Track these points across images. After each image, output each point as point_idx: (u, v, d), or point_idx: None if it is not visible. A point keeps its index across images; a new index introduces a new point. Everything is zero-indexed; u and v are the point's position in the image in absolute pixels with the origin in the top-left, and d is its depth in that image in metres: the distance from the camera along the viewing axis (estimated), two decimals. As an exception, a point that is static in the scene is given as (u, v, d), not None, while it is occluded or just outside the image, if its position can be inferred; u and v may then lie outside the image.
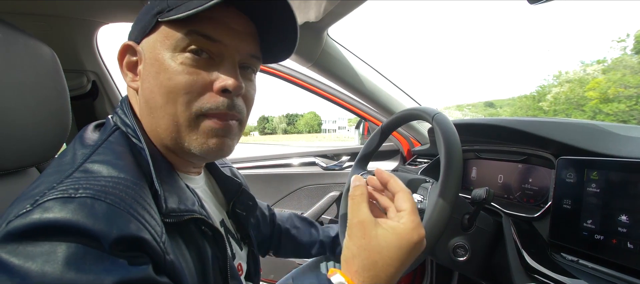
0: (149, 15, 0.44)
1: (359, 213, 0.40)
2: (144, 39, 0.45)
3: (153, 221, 0.37)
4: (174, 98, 0.42)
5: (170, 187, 0.42)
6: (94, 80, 1.30)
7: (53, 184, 0.34)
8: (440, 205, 0.56)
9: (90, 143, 0.42)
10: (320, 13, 0.96)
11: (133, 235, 0.33)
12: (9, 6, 0.94)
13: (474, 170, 1.01)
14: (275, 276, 1.55)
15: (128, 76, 0.47)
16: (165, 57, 0.42)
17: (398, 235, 0.38)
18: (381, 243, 0.38)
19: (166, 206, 0.40)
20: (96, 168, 0.37)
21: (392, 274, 0.38)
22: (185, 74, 0.42)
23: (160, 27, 0.43)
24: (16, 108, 0.52)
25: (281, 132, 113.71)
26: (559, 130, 0.72)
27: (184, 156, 0.48)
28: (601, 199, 0.56)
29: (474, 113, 56.03)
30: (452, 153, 0.59)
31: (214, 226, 0.46)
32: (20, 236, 0.31)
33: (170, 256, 0.37)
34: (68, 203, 0.32)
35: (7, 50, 0.51)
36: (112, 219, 0.32)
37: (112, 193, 0.34)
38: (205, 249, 0.44)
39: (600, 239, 0.55)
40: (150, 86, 0.43)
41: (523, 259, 0.65)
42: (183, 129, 0.43)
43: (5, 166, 0.52)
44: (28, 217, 0.31)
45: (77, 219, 0.31)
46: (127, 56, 0.46)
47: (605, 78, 21.38)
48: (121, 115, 0.46)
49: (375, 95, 1.30)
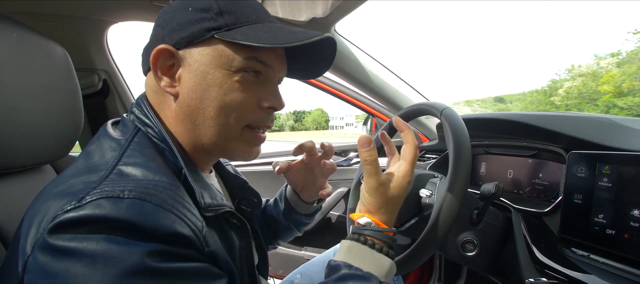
0: (197, 27, 0.44)
1: (377, 177, 0.49)
2: (187, 47, 0.45)
3: (193, 217, 0.39)
4: (227, 112, 0.46)
5: (201, 184, 0.45)
6: (105, 79, 1.33)
7: (93, 184, 0.36)
8: (448, 200, 0.56)
9: (115, 144, 0.43)
10: (328, 9, 0.96)
11: (178, 232, 0.36)
12: (22, 7, 0.96)
13: (483, 166, 1.01)
14: (284, 271, 1.56)
15: (164, 80, 0.46)
16: (220, 73, 0.45)
17: (399, 181, 0.50)
18: (393, 191, 0.50)
19: (204, 201, 0.43)
20: (131, 171, 0.39)
21: (396, 210, 0.51)
22: (240, 92, 0.46)
23: (213, 43, 0.45)
24: (31, 107, 0.53)
25: (288, 129, 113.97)
26: (570, 124, 0.71)
27: (213, 157, 0.53)
28: (613, 193, 0.55)
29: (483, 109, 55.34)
30: (461, 148, 0.58)
31: (240, 217, 0.50)
32: (75, 226, 0.33)
33: (210, 247, 0.40)
34: (119, 203, 0.34)
35: (22, 51, 0.52)
36: (158, 218, 0.35)
37: (155, 195, 0.36)
38: (234, 240, 0.48)
39: (612, 234, 0.55)
40: (199, 97, 0.45)
41: (533, 255, 0.64)
42: (231, 139, 0.48)
43: (22, 163, 0.54)
44: (81, 211, 0.33)
45: (129, 216, 0.33)
46: (161, 59, 0.45)
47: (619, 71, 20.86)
48: (140, 115, 0.47)
49: (383, 90, 1.30)
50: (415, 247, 0.58)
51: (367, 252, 0.46)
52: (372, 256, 0.46)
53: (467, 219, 0.73)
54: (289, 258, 1.58)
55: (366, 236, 0.47)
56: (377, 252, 0.46)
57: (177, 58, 0.45)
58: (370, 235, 0.47)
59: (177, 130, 0.48)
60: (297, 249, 1.60)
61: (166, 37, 0.45)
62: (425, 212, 0.75)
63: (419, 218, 0.75)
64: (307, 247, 1.59)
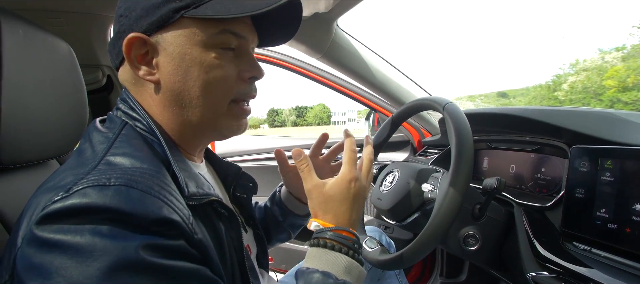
0: (164, 9, 0.43)
1: (311, 180, 0.51)
2: (158, 32, 0.44)
3: (180, 204, 0.39)
4: (212, 89, 0.46)
5: (187, 173, 0.44)
6: (109, 75, 1.33)
7: (81, 175, 0.36)
8: (450, 195, 0.57)
9: (104, 138, 0.43)
10: (330, 4, 0.96)
11: (167, 217, 0.36)
12: (28, 4, 0.96)
13: (485, 160, 1.01)
14: (286, 266, 1.57)
15: (142, 69, 0.45)
16: (197, 52, 0.45)
17: (337, 181, 0.51)
18: (329, 191, 0.50)
19: (188, 190, 0.42)
20: (118, 161, 0.39)
21: (345, 210, 0.50)
22: (220, 67, 0.46)
23: (183, 23, 0.44)
24: (37, 103, 0.54)
25: (290, 124, 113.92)
26: (572, 118, 0.71)
27: (203, 139, 0.52)
28: (615, 188, 0.56)
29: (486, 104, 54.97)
30: (463, 142, 0.59)
31: (228, 207, 0.49)
32: (62, 217, 0.33)
33: (198, 235, 0.40)
34: (105, 190, 0.34)
35: (28, 47, 0.52)
36: (146, 204, 0.35)
37: (141, 182, 0.36)
38: (221, 230, 0.47)
39: (614, 228, 0.55)
40: (181, 79, 0.45)
41: (535, 249, 0.64)
42: (219, 115, 0.49)
43: (28, 158, 0.54)
44: (67, 201, 0.33)
45: (116, 204, 0.33)
46: (134, 48, 0.44)
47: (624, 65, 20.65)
48: (127, 109, 0.47)
49: (385, 85, 1.30)
50: (417, 241, 0.59)
51: (320, 252, 0.47)
52: (326, 255, 0.47)
53: (469, 213, 0.74)
54: (291, 253, 1.60)
55: (318, 238, 0.49)
56: (330, 250, 0.47)
57: (150, 45, 0.44)
58: (319, 236, 0.49)
59: (164, 118, 0.47)
60: (300, 244, 1.62)
61: (134, 25, 0.44)
62: (428, 207, 0.75)
63: (421, 213, 0.76)
64: (309, 241, 1.61)
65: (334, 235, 0.48)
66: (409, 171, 0.80)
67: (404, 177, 0.80)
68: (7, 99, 0.48)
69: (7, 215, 0.50)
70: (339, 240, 0.48)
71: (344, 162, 0.52)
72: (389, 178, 0.85)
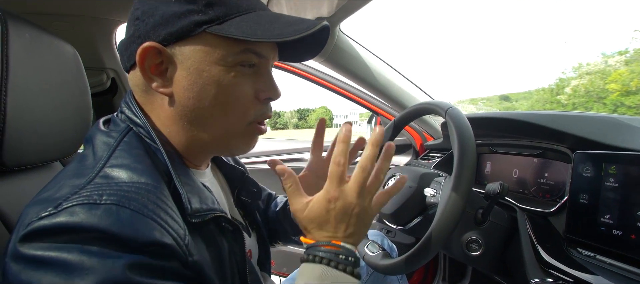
0: (186, 21, 0.41)
1: (295, 201, 0.48)
2: (176, 44, 0.42)
3: (176, 224, 0.38)
4: (229, 110, 0.45)
5: (190, 188, 0.43)
6: (113, 77, 1.35)
7: (75, 189, 0.35)
8: (453, 199, 0.56)
9: (106, 144, 0.42)
10: (333, 8, 0.96)
11: (158, 240, 0.34)
12: (34, 7, 0.97)
13: (488, 165, 1.00)
14: (287, 269, 1.57)
15: (155, 81, 0.43)
16: (216, 70, 0.43)
17: (315, 203, 0.46)
18: (309, 215, 0.47)
19: (191, 207, 0.41)
20: (116, 174, 0.38)
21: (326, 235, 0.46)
22: (238, 87, 0.44)
23: (204, 37, 0.42)
24: (43, 105, 0.54)
25: (293, 126, 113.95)
26: (576, 123, 0.71)
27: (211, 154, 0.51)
28: (619, 193, 0.55)
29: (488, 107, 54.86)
30: (466, 147, 0.58)
31: (233, 222, 0.48)
32: (48, 234, 0.32)
33: (193, 257, 0.38)
34: (94, 209, 0.33)
35: (34, 50, 0.53)
36: (136, 226, 0.34)
37: (135, 199, 0.35)
38: (223, 246, 0.46)
39: (619, 235, 0.54)
40: (196, 96, 0.43)
41: (538, 255, 0.64)
42: (235, 136, 0.47)
43: (33, 160, 0.55)
44: (54, 219, 0.32)
45: (103, 225, 0.32)
46: (149, 58, 0.42)
47: (627, 69, 20.55)
48: (130, 114, 0.46)
49: (387, 89, 1.30)
50: (419, 246, 0.58)
51: (304, 268, 0.45)
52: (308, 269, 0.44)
53: (471, 218, 0.73)
54: (293, 256, 1.59)
55: (307, 254, 0.46)
56: (309, 263, 0.45)
57: (165, 56, 0.42)
58: (306, 252, 0.46)
59: (172, 131, 0.46)
60: (301, 248, 1.61)
61: (150, 33, 0.42)
62: (430, 211, 0.75)
63: (424, 217, 0.75)
64: None
65: (318, 249, 0.45)
66: (411, 176, 0.80)
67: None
68: (12, 101, 0.48)
69: (9, 217, 0.50)
70: (322, 254, 0.44)
71: (328, 177, 0.46)
72: (391, 182, 0.85)
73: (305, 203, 0.47)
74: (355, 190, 0.45)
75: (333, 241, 0.45)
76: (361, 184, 0.45)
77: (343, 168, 0.45)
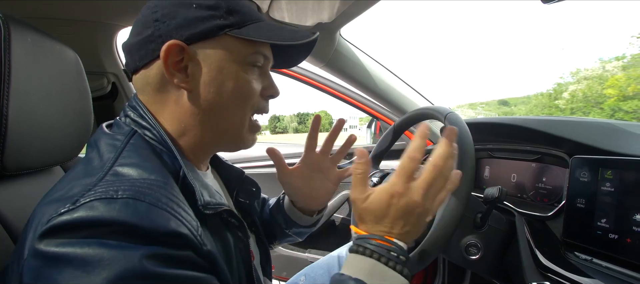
0: (209, 24, 0.46)
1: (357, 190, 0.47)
2: (198, 43, 0.46)
3: (188, 216, 0.39)
4: (244, 103, 0.50)
5: (200, 183, 0.45)
6: (113, 82, 1.35)
7: (89, 187, 0.36)
8: (452, 203, 0.57)
9: (112, 147, 0.43)
10: (334, 14, 0.97)
11: (175, 230, 0.36)
12: (36, 11, 0.98)
13: (486, 169, 1.01)
14: (287, 273, 1.57)
15: (177, 77, 0.46)
16: (234, 67, 0.48)
17: (377, 194, 0.46)
18: (369, 206, 0.46)
19: (203, 199, 0.43)
20: (126, 171, 0.39)
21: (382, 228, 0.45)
22: (251, 84, 0.50)
23: (224, 39, 0.47)
24: (44, 109, 0.54)
25: (292, 131, 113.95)
26: (573, 128, 0.71)
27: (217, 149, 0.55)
28: (616, 198, 0.56)
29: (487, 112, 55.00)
30: (465, 152, 0.59)
31: (239, 217, 0.50)
32: (69, 230, 0.32)
33: (207, 246, 0.40)
34: (112, 203, 0.34)
35: (36, 54, 0.53)
36: (153, 217, 0.35)
37: (149, 194, 0.36)
38: (230, 241, 0.47)
39: (615, 239, 0.55)
40: (216, 90, 0.47)
41: (536, 258, 0.64)
42: (245, 128, 0.52)
43: (34, 164, 0.54)
44: (74, 214, 0.33)
45: (123, 217, 0.33)
46: (172, 55, 0.45)
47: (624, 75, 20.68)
48: (136, 117, 0.47)
49: (387, 94, 1.30)
50: (418, 250, 0.59)
51: (354, 259, 0.44)
52: (360, 262, 0.44)
53: (470, 222, 0.74)
54: (293, 260, 1.59)
55: (356, 245, 0.45)
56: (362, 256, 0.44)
57: (187, 54, 0.46)
58: (357, 243, 0.46)
59: (187, 124, 0.48)
60: (301, 251, 1.61)
61: (173, 33, 0.45)
62: (429, 215, 0.75)
63: (423, 221, 0.76)
64: (311, 249, 1.60)
65: (369, 242, 0.44)
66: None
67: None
68: (14, 106, 0.48)
69: (10, 221, 0.51)
70: (373, 248, 0.44)
71: (395, 171, 0.46)
72: None
73: (367, 194, 0.46)
74: (422, 188, 0.44)
75: (386, 236, 0.45)
76: (430, 184, 0.44)
77: (416, 164, 0.45)
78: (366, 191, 0.47)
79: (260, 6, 1.01)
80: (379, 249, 0.43)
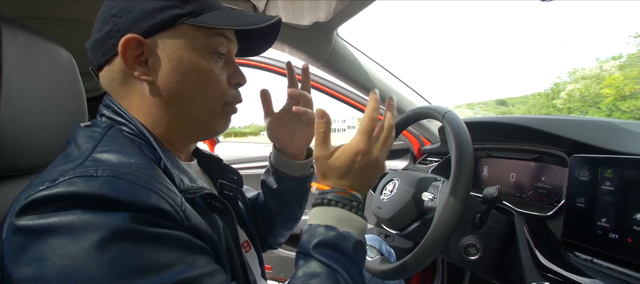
0: (166, 14, 0.45)
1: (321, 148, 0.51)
2: (156, 35, 0.46)
3: (171, 193, 0.39)
4: (209, 92, 0.49)
5: (180, 170, 0.46)
6: (108, 82, 1.34)
7: (67, 170, 0.36)
8: (451, 204, 0.56)
9: (90, 138, 0.43)
10: (330, 13, 0.97)
11: (156, 205, 0.36)
12: (28, 11, 0.97)
13: (485, 169, 1.01)
14: (285, 274, 1.56)
15: (138, 70, 0.46)
16: (195, 56, 0.48)
17: (343, 152, 0.51)
18: (334, 163, 0.51)
19: (183, 184, 0.44)
20: (105, 157, 0.39)
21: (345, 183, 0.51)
22: (213, 72, 0.49)
23: (182, 28, 0.47)
24: (37, 110, 0.53)
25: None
26: (572, 127, 0.71)
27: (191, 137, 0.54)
28: (616, 197, 0.55)
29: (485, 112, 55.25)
30: (463, 151, 0.59)
31: (222, 200, 0.51)
32: (48, 202, 0.32)
33: (190, 221, 0.40)
34: (92, 180, 0.34)
35: (28, 54, 0.52)
36: (134, 193, 0.35)
37: (129, 173, 0.36)
38: (217, 222, 0.48)
39: (615, 238, 0.55)
40: (178, 80, 0.47)
41: (536, 259, 0.64)
42: (214, 115, 0.51)
43: (27, 165, 0.54)
44: (53, 189, 0.33)
45: (103, 192, 0.33)
46: (130, 49, 0.45)
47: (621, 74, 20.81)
48: (111, 115, 0.47)
49: (385, 94, 1.30)
50: (417, 251, 0.58)
51: (321, 210, 0.49)
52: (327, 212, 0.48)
53: (469, 222, 0.73)
54: (291, 262, 1.58)
55: (321, 198, 0.50)
56: (329, 207, 0.48)
57: (146, 47, 0.45)
58: (320, 197, 0.50)
59: (155, 118, 0.48)
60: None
61: (131, 27, 0.45)
62: (428, 215, 0.75)
63: (421, 222, 0.75)
64: None
65: (333, 195, 0.49)
66: (409, 180, 0.80)
67: (404, 186, 0.79)
68: (6, 107, 0.47)
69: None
70: (337, 199, 0.49)
71: (358, 130, 0.51)
72: (389, 186, 0.85)
73: (330, 151, 0.51)
74: (380, 148, 0.52)
75: (348, 189, 0.50)
76: (385, 141, 0.52)
77: (375, 123, 0.51)
78: (329, 149, 0.51)
79: (256, 6, 1.00)
80: (343, 199, 0.49)
